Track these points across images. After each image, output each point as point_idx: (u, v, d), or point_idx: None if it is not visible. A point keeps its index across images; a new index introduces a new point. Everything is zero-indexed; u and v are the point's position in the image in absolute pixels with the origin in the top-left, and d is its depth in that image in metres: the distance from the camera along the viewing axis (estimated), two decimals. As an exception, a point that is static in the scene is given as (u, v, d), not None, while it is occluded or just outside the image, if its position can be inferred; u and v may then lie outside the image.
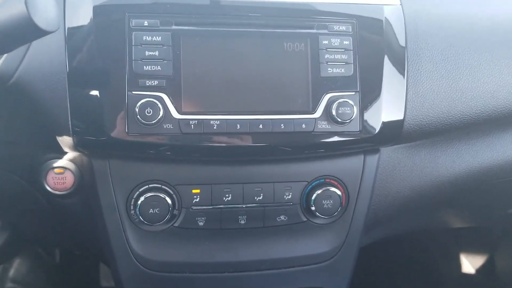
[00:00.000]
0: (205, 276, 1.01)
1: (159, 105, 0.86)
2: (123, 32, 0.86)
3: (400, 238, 1.82)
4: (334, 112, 0.91)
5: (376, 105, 0.94)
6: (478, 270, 1.79)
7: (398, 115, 0.97)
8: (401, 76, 0.97)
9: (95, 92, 0.86)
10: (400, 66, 0.96)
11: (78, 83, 0.86)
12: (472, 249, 1.87)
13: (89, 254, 1.44)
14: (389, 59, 0.95)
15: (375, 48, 0.94)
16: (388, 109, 0.96)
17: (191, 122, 0.87)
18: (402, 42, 0.97)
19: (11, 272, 1.63)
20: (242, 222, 0.99)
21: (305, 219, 1.02)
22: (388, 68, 0.95)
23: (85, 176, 0.98)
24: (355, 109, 0.92)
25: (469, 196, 1.21)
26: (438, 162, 1.11)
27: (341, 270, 1.07)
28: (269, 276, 1.03)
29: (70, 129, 0.87)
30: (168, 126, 0.87)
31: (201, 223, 0.98)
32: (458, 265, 1.86)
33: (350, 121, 0.92)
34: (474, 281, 1.78)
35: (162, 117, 0.86)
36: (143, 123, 0.86)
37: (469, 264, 1.83)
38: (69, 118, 0.86)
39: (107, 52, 0.85)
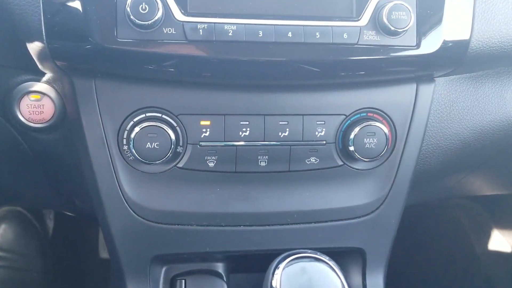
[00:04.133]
0: (215, 229, 0.87)
1: (158, 1, 0.70)
2: None
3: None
4: (385, 18, 0.76)
5: (437, 14, 0.80)
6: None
7: (463, 28, 0.82)
8: None
9: (74, -17, 0.72)
10: None
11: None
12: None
13: (77, 213, 1.27)
14: None
15: None
16: (452, 19, 0.80)
17: (199, 26, 0.72)
18: None
19: None
20: (263, 164, 0.85)
21: (341, 163, 0.88)
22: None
23: (67, 105, 0.85)
24: (412, 16, 0.76)
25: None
26: (505, 97, 0.96)
27: (383, 229, 0.93)
28: (294, 232, 0.89)
29: (43, 33, 0.72)
30: (170, 30, 0.72)
31: (211, 164, 0.84)
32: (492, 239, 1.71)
33: (405, 31, 0.77)
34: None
35: (161, 18, 0.72)
36: (136, 25, 0.72)
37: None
38: (42, 19, 0.71)
39: None
